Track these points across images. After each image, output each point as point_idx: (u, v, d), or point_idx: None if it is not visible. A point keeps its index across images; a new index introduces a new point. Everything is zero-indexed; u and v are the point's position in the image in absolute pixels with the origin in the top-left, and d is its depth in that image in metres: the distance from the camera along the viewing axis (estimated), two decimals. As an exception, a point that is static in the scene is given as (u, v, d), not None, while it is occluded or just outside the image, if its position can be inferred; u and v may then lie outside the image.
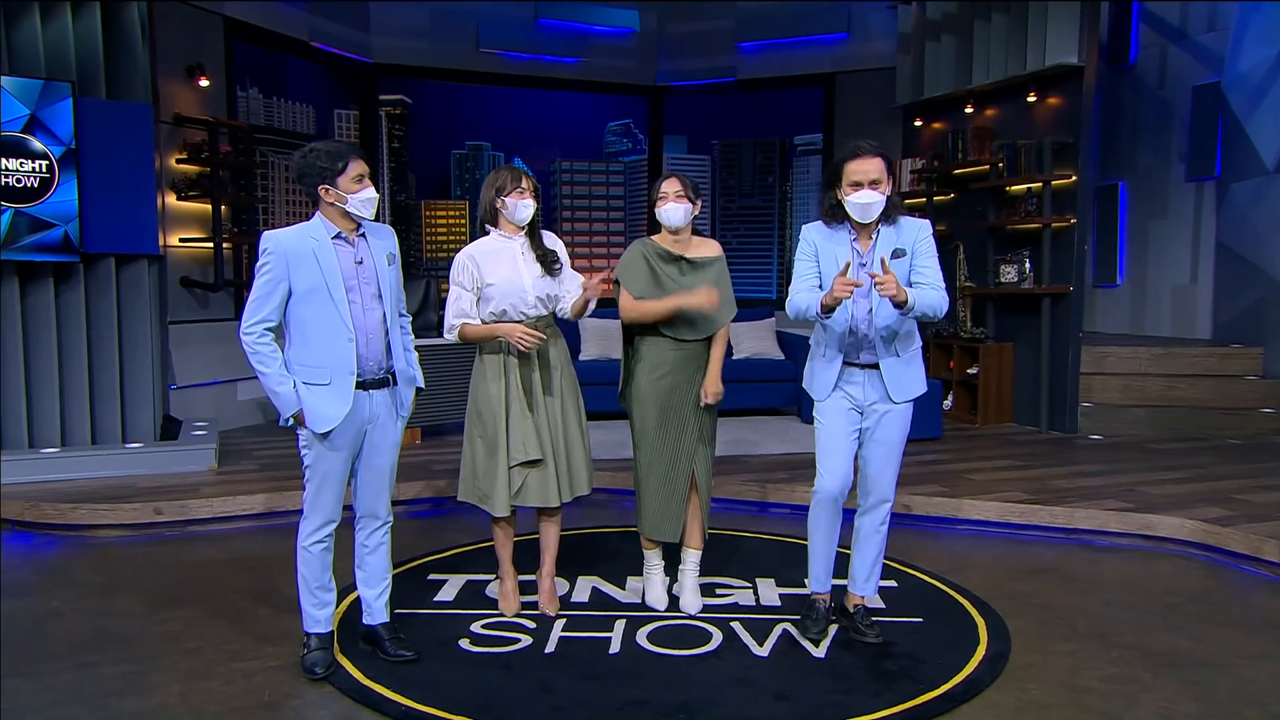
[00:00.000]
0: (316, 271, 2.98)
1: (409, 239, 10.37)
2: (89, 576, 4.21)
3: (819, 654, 3.30)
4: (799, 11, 9.45)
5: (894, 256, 3.20)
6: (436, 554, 4.42)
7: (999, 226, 7.50)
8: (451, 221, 10.72)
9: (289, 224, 3.19)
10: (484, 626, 3.54)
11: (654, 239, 3.65)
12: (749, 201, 10.86)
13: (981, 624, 3.57)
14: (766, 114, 10.55)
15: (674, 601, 3.72)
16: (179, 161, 6.92)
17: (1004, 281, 7.40)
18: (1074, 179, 6.94)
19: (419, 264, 10.49)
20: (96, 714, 2.89)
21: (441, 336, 3.71)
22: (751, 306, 7.62)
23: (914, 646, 3.36)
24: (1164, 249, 8.05)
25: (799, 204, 10.65)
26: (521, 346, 3.39)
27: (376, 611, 3.29)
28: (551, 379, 3.56)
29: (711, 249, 3.68)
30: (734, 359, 7.15)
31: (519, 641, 3.40)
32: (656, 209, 3.58)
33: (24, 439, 5.75)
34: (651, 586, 3.76)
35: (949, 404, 7.63)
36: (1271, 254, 7.03)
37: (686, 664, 3.23)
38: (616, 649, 3.34)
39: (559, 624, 3.54)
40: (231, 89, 7.49)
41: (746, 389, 7.04)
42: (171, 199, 6.87)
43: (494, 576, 3.86)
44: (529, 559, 3.79)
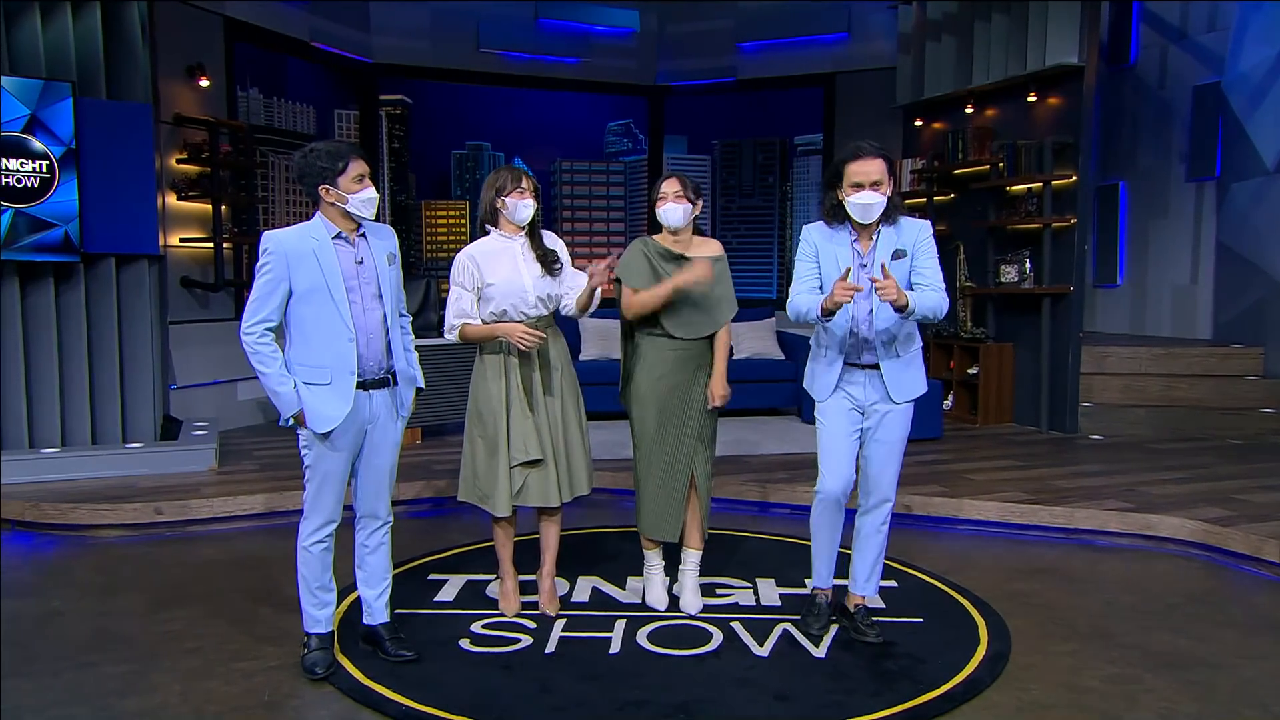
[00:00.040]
0: (317, 271, 2.98)
1: (409, 239, 10.38)
2: (89, 576, 4.21)
3: (819, 654, 3.30)
4: (799, 11, 9.45)
5: (894, 257, 3.21)
6: (437, 554, 4.42)
7: (999, 226, 7.50)
8: (452, 221, 10.73)
9: (289, 224, 3.19)
10: (484, 626, 3.54)
11: (655, 238, 3.65)
12: (749, 201, 10.87)
13: (982, 624, 3.58)
14: (767, 114, 10.56)
15: (674, 601, 3.72)
16: (179, 161, 6.92)
17: (1004, 281, 7.40)
18: (1074, 179, 6.94)
19: (419, 264, 10.49)
20: (97, 714, 2.89)
21: (442, 336, 3.71)
22: (752, 306, 7.61)
23: (914, 646, 3.36)
24: (1164, 249, 8.05)
25: (799, 204, 10.66)
26: (522, 346, 3.39)
27: (377, 611, 3.29)
28: (552, 379, 3.56)
29: (712, 248, 3.68)
30: (734, 359, 7.14)
31: (519, 641, 3.40)
32: (656, 209, 3.58)
33: (24, 439, 5.75)
34: (652, 586, 3.76)
35: (949, 404, 7.63)
36: (1272, 254, 7.02)
37: (687, 664, 3.23)
38: (617, 649, 3.34)
39: (559, 624, 3.54)
40: (232, 89, 7.49)
41: (747, 389, 7.02)
42: (172, 199, 6.87)
43: (494, 576, 3.86)
44: (529, 559, 3.79)
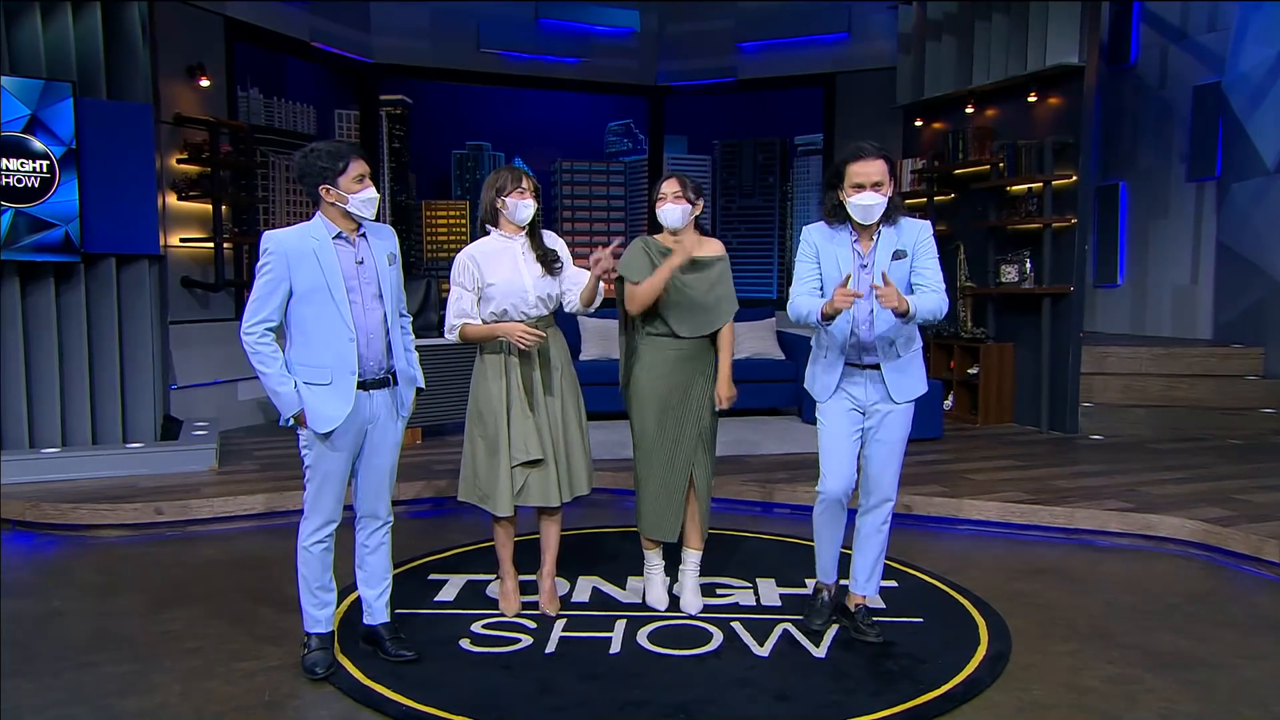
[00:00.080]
0: (317, 271, 2.98)
1: (410, 239, 10.37)
2: (90, 576, 4.21)
3: (819, 654, 3.31)
4: (799, 11, 9.45)
5: (894, 258, 3.21)
6: (437, 554, 4.42)
7: (999, 226, 7.50)
8: (452, 221, 10.72)
9: (289, 224, 3.19)
10: (484, 626, 3.54)
11: (656, 238, 3.65)
12: (749, 201, 10.87)
13: (982, 624, 3.57)
14: (767, 114, 10.55)
15: (674, 601, 3.72)
16: (179, 161, 6.92)
17: (1004, 281, 7.40)
18: (1074, 179, 6.94)
19: (419, 264, 10.49)
20: (97, 714, 2.89)
21: (442, 336, 3.71)
22: (752, 306, 7.61)
23: (914, 646, 3.36)
24: (1164, 249, 8.05)
25: (799, 204, 10.65)
26: (522, 345, 3.39)
27: (377, 611, 3.29)
28: (552, 378, 3.56)
29: (713, 248, 3.68)
30: (734, 359, 7.09)
31: (519, 641, 3.40)
32: (656, 209, 3.58)
33: (25, 439, 5.75)
34: (652, 586, 3.76)
35: (949, 404, 7.63)
36: (1272, 254, 7.02)
37: (687, 664, 3.23)
38: (617, 649, 3.34)
39: (559, 624, 3.54)
40: (232, 89, 7.49)
41: (747, 389, 6.90)
42: (172, 199, 6.87)
43: (494, 576, 3.86)
44: (529, 559, 3.79)
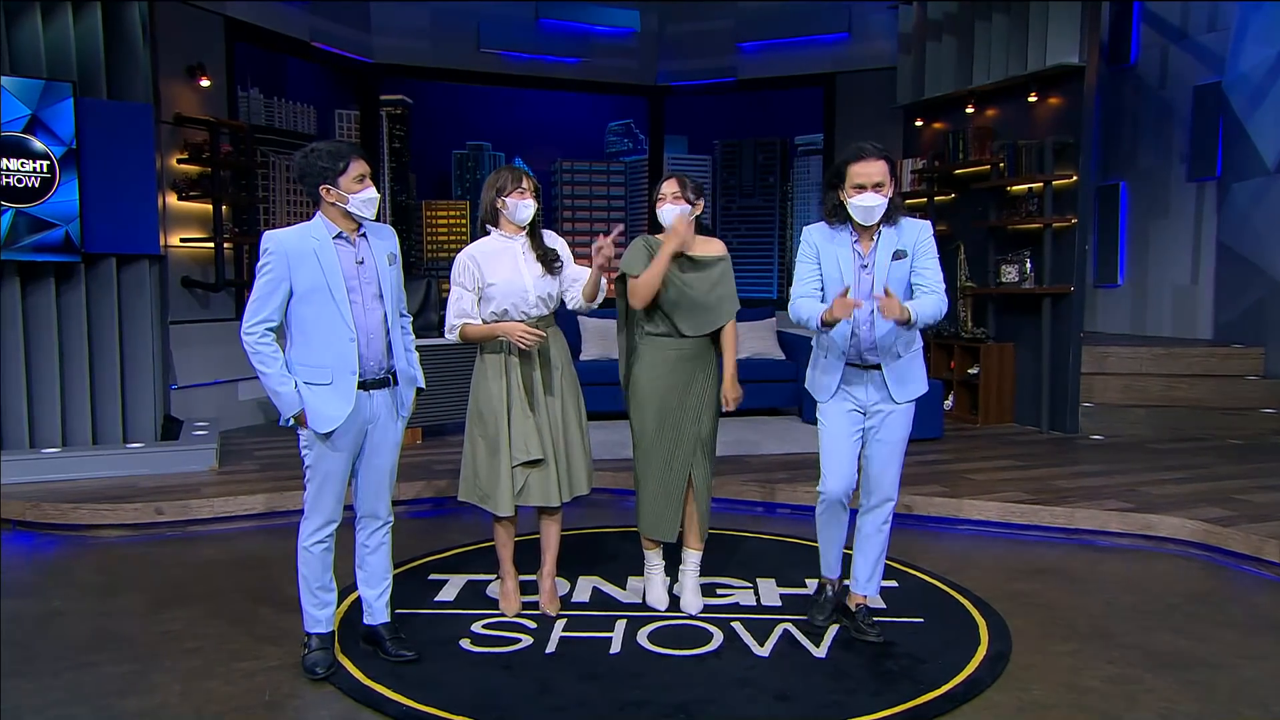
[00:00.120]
0: (318, 271, 2.98)
1: (410, 239, 10.38)
2: (90, 576, 4.21)
3: (819, 654, 3.31)
4: (799, 11, 9.45)
5: (895, 258, 3.22)
6: (437, 554, 4.42)
7: (1000, 226, 7.50)
8: (452, 221, 10.72)
9: (290, 224, 3.19)
10: (485, 626, 3.54)
11: (657, 236, 3.65)
12: (750, 201, 10.87)
13: (982, 624, 3.57)
14: (767, 114, 10.55)
15: (675, 601, 3.72)
16: (180, 161, 6.92)
17: (1005, 281, 7.40)
18: (1075, 179, 6.93)
19: (420, 264, 10.49)
20: (97, 714, 2.89)
21: (442, 336, 3.71)
22: (752, 306, 7.61)
23: (915, 646, 3.36)
24: (1165, 249, 8.05)
25: (800, 204, 10.65)
26: (522, 345, 3.39)
27: (377, 611, 3.29)
28: (552, 378, 3.56)
29: (715, 248, 3.67)
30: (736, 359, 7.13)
31: (520, 641, 3.40)
32: (656, 209, 3.59)
33: (25, 439, 5.75)
34: (652, 586, 3.76)
35: (950, 404, 7.63)
36: (1272, 254, 7.02)
37: (687, 664, 3.23)
38: (617, 649, 3.34)
39: (560, 624, 3.54)
40: (232, 89, 7.49)
41: (747, 389, 6.88)
42: (172, 199, 6.87)
43: (495, 576, 3.86)
44: (529, 559, 3.79)
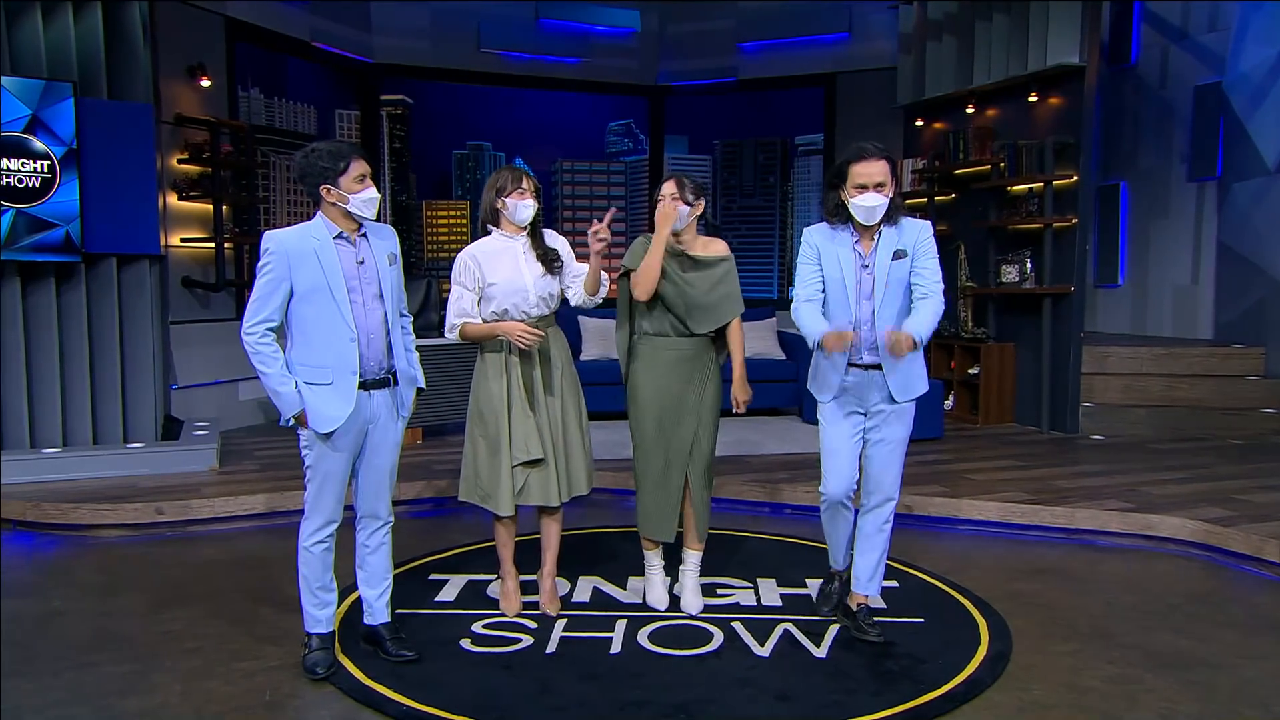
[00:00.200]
0: (318, 271, 2.98)
1: (410, 239, 10.37)
2: (90, 576, 4.21)
3: (820, 654, 3.31)
4: (800, 11, 9.45)
5: (895, 258, 3.22)
6: (437, 554, 4.42)
7: (1000, 226, 7.50)
8: (453, 221, 10.72)
9: (290, 224, 3.19)
10: (485, 626, 3.54)
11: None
12: (750, 201, 10.86)
13: (983, 624, 3.57)
14: (768, 114, 10.54)
15: (675, 601, 3.72)
16: (180, 161, 6.92)
17: (1005, 281, 7.40)
18: (1075, 179, 6.93)
19: (420, 264, 10.48)
20: (97, 714, 2.89)
21: (442, 336, 3.71)
22: (753, 306, 7.57)
23: (915, 646, 3.36)
24: (1165, 249, 8.05)
25: (800, 204, 10.65)
26: (521, 345, 3.39)
27: (378, 611, 3.29)
28: (553, 378, 3.56)
29: (717, 248, 3.66)
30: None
31: (520, 641, 3.40)
32: (657, 210, 3.58)
33: (25, 439, 5.75)
34: (652, 586, 3.76)
35: (950, 404, 7.63)
36: (1273, 254, 7.02)
37: (687, 664, 3.23)
38: (617, 649, 3.34)
39: (560, 624, 3.54)
40: (233, 89, 7.49)
41: (748, 389, 7.02)
42: (173, 199, 6.87)
43: (495, 576, 3.86)
44: (530, 559, 3.79)
